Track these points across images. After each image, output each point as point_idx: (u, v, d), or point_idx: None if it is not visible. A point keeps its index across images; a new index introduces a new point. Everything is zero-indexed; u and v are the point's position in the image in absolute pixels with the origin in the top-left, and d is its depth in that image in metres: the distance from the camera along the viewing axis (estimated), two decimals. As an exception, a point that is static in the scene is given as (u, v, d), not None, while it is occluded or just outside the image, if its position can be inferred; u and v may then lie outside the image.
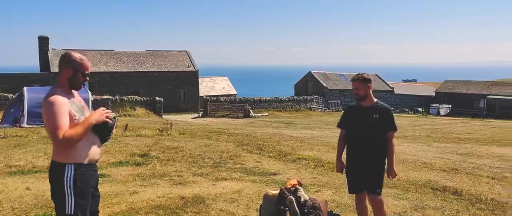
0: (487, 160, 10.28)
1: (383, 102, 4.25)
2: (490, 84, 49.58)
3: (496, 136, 17.49)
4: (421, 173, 7.83)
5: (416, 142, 14.43)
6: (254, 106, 36.72)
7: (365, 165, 4.01)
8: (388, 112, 4.05)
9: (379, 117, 3.97)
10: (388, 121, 4.01)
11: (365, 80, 4.02)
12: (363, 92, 4.02)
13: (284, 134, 15.33)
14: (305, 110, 39.59)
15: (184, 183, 6.36)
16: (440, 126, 24.11)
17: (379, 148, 3.99)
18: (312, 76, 46.76)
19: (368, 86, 4.03)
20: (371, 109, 4.02)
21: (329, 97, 44.05)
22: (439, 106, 45.66)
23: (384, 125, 3.99)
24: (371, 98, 4.06)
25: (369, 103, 4.06)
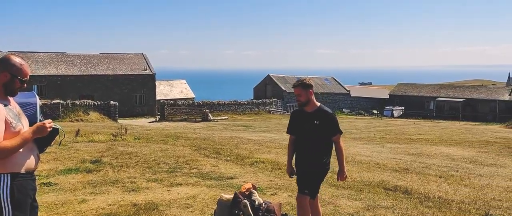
0: (435, 160, 10.73)
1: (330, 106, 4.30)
2: (439, 87, 52.07)
3: (444, 137, 18.32)
4: (375, 174, 8.03)
5: (371, 143, 14.82)
6: (213, 109, 36.49)
7: (307, 170, 4.01)
8: (330, 116, 4.02)
9: (319, 123, 3.96)
10: (331, 125, 4.00)
11: (306, 86, 4.00)
12: (305, 98, 4.01)
13: (243, 137, 15.30)
14: (264, 113, 39.80)
15: (137, 189, 6.16)
16: (393, 127, 24.95)
17: (320, 153, 3.99)
18: (271, 80, 47.15)
19: (310, 92, 4.01)
20: (312, 115, 4.02)
21: (288, 100, 44.57)
22: (393, 108, 47.38)
23: (327, 130, 3.99)
24: (314, 103, 4.05)
25: (312, 108, 4.04)
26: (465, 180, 7.66)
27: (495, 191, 6.75)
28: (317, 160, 3.98)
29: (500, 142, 15.80)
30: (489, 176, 8.23)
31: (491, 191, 6.74)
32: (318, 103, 4.09)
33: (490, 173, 8.68)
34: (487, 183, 7.36)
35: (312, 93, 4.04)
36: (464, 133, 20.86)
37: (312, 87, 4.06)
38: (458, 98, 46.18)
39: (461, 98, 46.14)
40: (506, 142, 15.56)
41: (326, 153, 4.03)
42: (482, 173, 8.59)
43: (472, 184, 7.25)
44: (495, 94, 45.56)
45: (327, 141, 4.02)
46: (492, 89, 49.43)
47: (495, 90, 48.23)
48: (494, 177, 8.08)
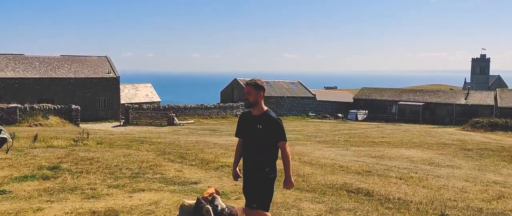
0: (396, 162, 11.06)
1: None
2: (401, 91, 53.75)
3: (405, 139, 18.91)
4: (338, 176, 8.18)
5: (335, 147, 15.08)
6: (179, 113, 36.04)
7: (249, 176, 3.93)
8: (273, 121, 3.85)
9: (262, 128, 3.83)
10: (275, 131, 3.84)
11: (258, 87, 3.91)
12: (253, 98, 3.91)
13: (209, 141, 15.20)
14: (231, 117, 39.69)
15: (97, 196, 5.98)
16: (357, 130, 25.51)
17: (264, 159, 3.87)
18: (238, 83, 47.14)
19: (260, 94, 3.92)
20: (257, 118, 3.91)
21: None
22: (357, 112, 48.45)
23: (270, 135, 3.84)
24: (261, 107, 3.94)
25: (258, 112, 3.94)
26: (423, 181, 7.93)
27: (451, 191, 7.03)
28: (259, 165, 3.86)
29: (456, 144, 16.49)
30: (445, 177, 8.56)
31: (447, 191, 7.01)
32: (266, 107, 3.99)
33: (447, 174, 9.03)
34: (443, 184, 7.65)
35: (262, 96, 3.94)
36: (423, 135, 21.62)
37: (263, 89, 3.96)
38: (418, 102, 47.82)
39: (421, 102, 47.81)
40: (462, 144, 16.26)
41: (269, 159, 3.88)
42: (439, 174, 8.93)
43: (429, 185, 7.52)
44: (452, 98, 47.53)
45: (271, 146, 3.87)
46: (449, 93, 51.55)
47: (452, 94, 50.33)
48: (450, 178, 8.41)
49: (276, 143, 3.87)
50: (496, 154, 13.11)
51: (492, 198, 6.63)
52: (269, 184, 3.91)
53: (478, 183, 7.93)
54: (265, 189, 3.89)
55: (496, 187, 7.65)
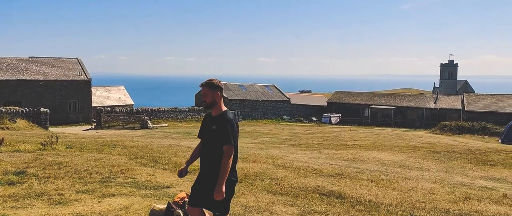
0: (368, 164, 11.25)
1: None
2: (373, 95, 54.83)
3: (377, 142, 19.28)
4: (311, 179, 8.24)
5: (309, 150, 15.22)
6: (153, 116, 35.57)
7: (204, 177, 3.82)
8: (226, 123, 3.71)
9: (216, 129, 3.73)
10: (223, 133, 3.69)
11: (213, 87, 3.81)
12: (210, 99, 3.82)
13: (182, 145, 15.05)
14: (205, 120, 39.54)
15: (65, 202, 5.81)
16: (330, 134, 25.82)
17: (216, 163, 3.71)
18: (213, 87, 46.97)
19: (216, 94, 3.81)
20: (213, 119, 3.82)
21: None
22: (331, 115, 49.07)
23: (222, 137, 3.70)
24: (220, 107, 3.85)
25: (216, 113, 3.84)
26: (394, 183, 8.09)
27: (419, 193, 7.20)
28: (212, 168, 3.74)
29: (425, 147, 16.93)
30: (415, 179, 8.77)
31: (416, 193, 7.18)
32: (225, 108, 3.88)
33: (416, 176, 9.25)
34: (413, 186, 7.83)
35: (219, 95, 3.84)
36: (394, 138, 22.10)
37: (220, 89, 3.85)
38: (390, 106, 48.89)
39: (392, 105, 48.89)
40: (431, 147, 16.70)
41: (218, 164, 3.69)
42: (409, 176, 9.13)
43: (399, 187, 7.68)
44: (422, 102, 48.84)
45: (222, 150, 3.70)
46: (419, 97, 52.96)
47: (422, 98, 51.72)
48: (419, 180, 8.62)
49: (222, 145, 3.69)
50: (463, 157, 13.52)
51: (459, 199, 6.83)
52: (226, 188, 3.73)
53: (445, 185, 8.15)
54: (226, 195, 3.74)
55: (462, 188, 7.89)
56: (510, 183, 9.35)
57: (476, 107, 41.48)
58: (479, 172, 10.86)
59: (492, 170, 11.28)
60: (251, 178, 8.16)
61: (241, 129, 20.80)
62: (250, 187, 7.32)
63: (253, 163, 9.98)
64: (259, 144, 17.42)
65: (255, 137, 22.15)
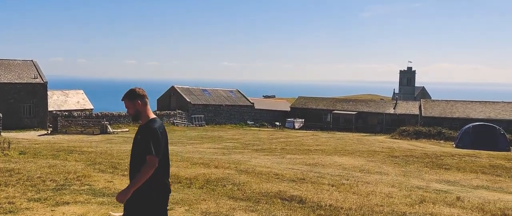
0: (330, 169, 11.42)
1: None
2: (335, 101, 55.95)
3: (339, 147, 19.63)
4: (273, 184, 8.25)
5: (272, 155, 15.27)
6: (113, 121, 34.61)
7: None
8: (149, 132, 3.51)
9: (140, 138, 3.54)
10: (146, 143, 3.46)
11: (132, 97, 3.61)
12: (132, 110, 3.62)
13: (143, 150, 14.70)
14: (168, 125, 38.83)
15: (16, 211, 5.51)
16: (293, 139, 26.05)
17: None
18: (176, 91, 46.34)
19: (137, 103, 3.60)
20: (140, 129, 3.63)
21: (193, 112, 44.16)
22: (294, 120, 49.59)
23: (145, 147, 3.47)
24: (146, 116, 3.63)
25: (143, 122, 3.63)
26: (354, 187, 8.24)
27: (378, 197, 7.37)
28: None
29: (385, 151, 17.40)
30: (374, 183, 8.97)
31: (375, 197, 7.34)
32: (153, 117, 3.66)
33: (375, 180, 9.47)
34: (372, 190, 8.00)
35: (141, 104, 3.61)
36: (355, 143, 22.60)
37: (140, 97, 3.63)
38: (351, 111, 50.04)
39: (354, 111, 50.07)
40: (390, 152, 17.18)
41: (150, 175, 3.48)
42: (368, 180, 9.34)
43: (359, 191, 7.82)
44: (383, 108, 50.33)
45: (145, 162, 3.47)
46: (380, 103, 54.57)
47: (382, 104, 53.32)
48: (378, 184, 8.82)
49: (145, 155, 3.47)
50: (420, 161, 14.00)
51: (415, 202, 7.04)
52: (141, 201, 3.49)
53: (403, 189, 8.39)
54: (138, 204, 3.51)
55: (419, 191, 8.14)
56: (463, 186, 9.76)
57: (433, 113, 43.20)
58: (435, 175, 11.28)
59: (447, 173, 11.74)
60: (213, 183, 8.08)
61: (204, 134, 20.81)
62: (212, 193, 7.24)
63: (215, 169, 9.89)
64: (222, 149, 17.31)
65: (218, 142, 22.01)
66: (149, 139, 3.44)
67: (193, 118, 43.35)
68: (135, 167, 3.53)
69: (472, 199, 7.57)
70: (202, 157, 12.59)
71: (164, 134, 3.60)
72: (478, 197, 7.98)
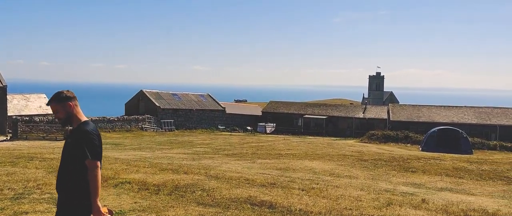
0: (300, 173, 11.43)
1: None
2: (306, 105, 56.51)
3: (309, 151, 19.77)
4: (243, 190, 8.14)
5: (243, 159, 15.18)
6: (79, 126, 33.60)
7: (58, 202, 3.42)
8: (82, 134, 3.30)
9: (71, 142, 3.32)
10: (81, 147, 3.25)
11: (59, 99, 3.39)
12: (63, 114, 3.40)
13: (110, 156, 14.29)
14: (136, 130, 38.09)
15: (-32, 223, 5.18)
16: (265, 143, 26.07)
17: (70, 182, 3.31)
18: (144, 95, 45.53)
19: (67, 105, 3.38)
20: (70, 133, 3.43)
21: (162, 117, 43.49)
22: (266, 125, 49.72)
23: (79, 153, 3.27)
24: (77, 118, 3.42)
25: (75, 125, 3.43)
26: (324, 191, 8.25)
27: (347, 200, 7.39)
28: (65, 190, 3.34)
29: (354, 155, 17.65)
30: (343, 187, 9.02)
31: (344, 201, 7.36)
32: (85, 119, 3.46)
33: (345, 184, 9.53)
34: (341, 194, 8.03)
35: (71, 106, 3.40)
36: (326, 147, 22.83)
37: (69, 99, 3.41)
38: (322, 116, 50.65)
39: (324, 115, 50.70)
40: (359, 155, 17.44)
41: (78, 183, 3.28)
42: (338, 184, 9.39)
43: (329, 195, 7.83)
44: (352, 112, 51.22)
45: (79, 166, 3.28)
46: (349, 107, 55.51)
47: (352, 108, 54.26)
48: (347, 188, 8.88)
49: (84, 161, 3.28)
50: (388, 164, 14.25)
51: (383, 205, 7.11)
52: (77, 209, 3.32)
53: (371, 192, 8.47)
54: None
55: (386, 195, 8.24)
56: (428, 188, 9.98)
57: (400, 117, 44.29)
58: (402, 178, 11.49)
59: (413, 176, 11.99)
60: (182, 190, 7.89)
61: (174, 139, 20.49)
62: (180, 200, 7.07)
63: (185, 174, 9.69)
64: (192, 155, 17.07)
65: (188, 148, 21.72)
66: (83, 143, 3.26)
67: (162, 123, 42.70)
68: (65, 174, 3.33)
69: (437, 201, 7.72)
70: (171, 163, 12.34)
71: (99, 137, 3.42)
72: (442, 199, 8.16)
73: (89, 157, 3.25)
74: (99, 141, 3.41)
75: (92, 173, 3.28)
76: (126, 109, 46.77)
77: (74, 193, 3.30)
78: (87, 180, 3.28)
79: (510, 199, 9.06)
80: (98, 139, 3.39)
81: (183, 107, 46.40)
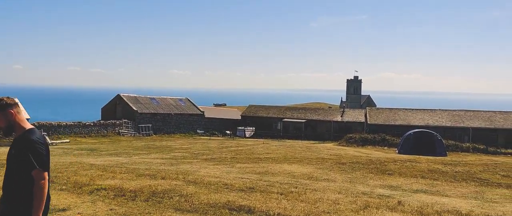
0: (279, 177, 11.44)
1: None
2: (285, 109, 56.78)
3: (288, 155, 19.83)
4: (222, 195, 8.09)
5: (222, 164, 15.10)
6: (53, 132, 32.83)
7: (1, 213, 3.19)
8: (27, 143, 3.12)
9: (15, 152, 3.13)
10: (26, 157, 3.07)
11: (3, 107, 3.20)
12: (4, 122, 3.21)
13: (85, 162, 13.99)
14: (113, 135, 37.44)
15: None
16: (244, 147, 26.03)
17: (13, 195, 3.12)
18: (122, 100, 44.86)
19: (9, 113, 3.20)
20: (14, 141, 3.22)
21: (140, 121, 42.91)
22: (245, 129, 49.69)
23: (25, 163, 3.09)
24: (20, 126, 3.23)
25: (18, 134, 3.23)
26: (302, 195, 8.27)
27: (325, 204, 7.44)
28: (10, 202, 3.12)
29: (333, 158, 17.80)
30: (322, 190, 9.08)
31: (322, 204, 7.40)
32: (30, 127, 3.27)
33: (323, 187, 9.59)
34: (319, 197, 8.08)
35: (13, 114, 3.22)
36: (305, 151, 22.95)
37: (11, 106, 3.23)
38: (301, 119, 50.97)
39: (303, 119, 51.04)
40: (337, 159, 17.60)
41: (25, 195, 3.09)
42: (316, 188, 9.44)
43: (307, 199, 7.86)
44: (331, 116, 51.73)
45: (26, 178, 3.09)
46: (328, 111, 56.06)
47: (330, 112, 54.81)
48: (326, 191, 8.94)
49: (31, 171, 3.09)
50: (365, 167, 14.42)
51: (360, 208, 7.18)
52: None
53: (349, 195, 8.55)
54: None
55: (363, 197, 8.34)
56: (404, 190, 10.14)
57: (377, 120, 44.99)
58: (379, 181, 11.64)
59: (390, 178, 12.17)
60: (159, 195, 7.78)
61: (151, 144, 20.18)
62: (157, 206, 6.96)
63: (162, 180, 9.57)
64: (170, 160, 16.88)
65: (166, 152, 21.47)
66: (28, 152, 3.08)
67: (140, 128, 42.13)
68: (10, 186, 3.13)
69: (412, 203, 7.86)
70: (148, 168, 12.17)
71: (46, 145, 3.26)
72: (417, 200, 8.31)
73: (37, 166, 3.07)
74: (46, 151, 3.22)
75: (39, 184, 3.07)
76: (102, 113, 45.96)
77: (19, 205, 3.10)
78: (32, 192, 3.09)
79: (482, 200, 9.30)
80: (45, 148, 3.21)
81: (161, 111, 45.93)
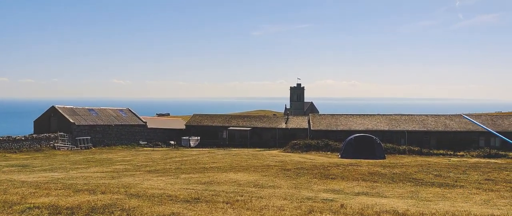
0: (225, 186, 11.34)
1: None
2: (230, 117, 56.73)
3: (234, 163, 19.78)
4: (166, 207, 7.85)
5: (166, 175, 14.72)
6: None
7: None
8: None
9: None
10: None
11: None
12: None
13: (16, 180, 13.02)
14: (47, 149, 35.27)
15: None
16: (189, 157, 25.61)
17: None
18: (57, 111, 42.43)
19: None
20: None
21: (78, 134, 40.82)
22: (190, 138, 48.94)
23: None
24: None
25: None
26: (248, 203, 8.25)
27: (271, 211, 7.46)
28: None
29: (278, 165, 18.00)
30: (267, 197, 9.12)
31: (268, 211, 7.42)
32: None
33: (269, 194, 9.64)
34: (265, 204, 8.09)
35: None
36: (251, 159, 23.03)
37: None
38: (246, 127, 51.14)
39: (249, 127, 51.25)
40: (283, 165, 17.83)
41: None
42: (262, 195, 9.46)
43: (253, 207, 7.84)
44: (275, 123, 52.43)
45: None
46: (273, 118, 56.78)
47: (275, 119, 55.55)
48: (271, 198, 8.98)
49: None
50: (309, 172, 14.72)
51: (304, 213, 7.28)
52: None
53: (294, 201, 8.65)
54: None
55: (308, 202, 8.47)
56: (346, 193, 10.46)
57: (320, 126, 46.25)
58: (322, 185, 11.92)
59: (333, 183, 12.50)
60: (99, 211, 7.39)
61: (91, 157, 19.30)
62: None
63: (102, 195, 9.12)
64: (111, 173, 16.18)
65: (107, 166, 20.57)
66: None
67: (78, 141, 40.09)
68: None
69: (354, 206, 8.11)
70: (87, 183, 11.56)
71: None
72: (359, 203, 8.59)
73: None
74: None
75: None
76: (35, 126, 43.16)
77: None
78: None
79: (417, 199, 9.82)
80: None
81: (101, 122, 44.03)
